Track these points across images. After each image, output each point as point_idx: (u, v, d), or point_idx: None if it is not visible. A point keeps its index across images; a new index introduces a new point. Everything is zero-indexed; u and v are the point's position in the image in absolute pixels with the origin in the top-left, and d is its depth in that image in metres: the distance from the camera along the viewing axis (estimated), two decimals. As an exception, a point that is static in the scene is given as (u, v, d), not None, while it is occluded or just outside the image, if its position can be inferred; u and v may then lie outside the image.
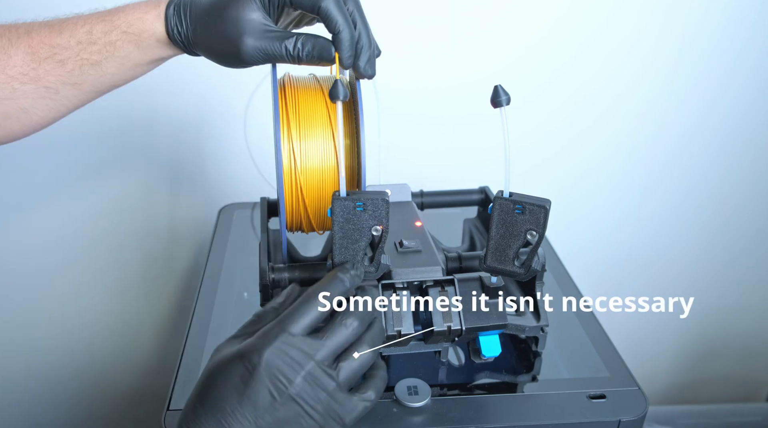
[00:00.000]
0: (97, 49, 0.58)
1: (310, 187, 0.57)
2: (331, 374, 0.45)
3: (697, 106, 1.05)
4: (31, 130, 0.62)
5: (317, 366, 0.44)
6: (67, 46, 0.57)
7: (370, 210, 0.50)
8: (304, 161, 0.57)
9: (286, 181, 0.57)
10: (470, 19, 0.95)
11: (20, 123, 0.60)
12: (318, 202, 0.58)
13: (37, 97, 0.59)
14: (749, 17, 0.99)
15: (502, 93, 0.50)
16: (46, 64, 0.58)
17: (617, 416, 0.56)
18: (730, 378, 1.33)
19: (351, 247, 0.51)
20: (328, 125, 0.57)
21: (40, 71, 0.58)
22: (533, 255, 0.52)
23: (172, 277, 1.10)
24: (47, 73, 0.58)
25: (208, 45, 0.56)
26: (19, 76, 0.57)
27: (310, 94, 0.59)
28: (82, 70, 0.58)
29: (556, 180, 1.08)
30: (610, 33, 0.98)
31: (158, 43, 0.58)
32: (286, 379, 0.43)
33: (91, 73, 0.59)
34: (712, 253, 1.19)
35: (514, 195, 0.51)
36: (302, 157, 0.57)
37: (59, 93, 0.59)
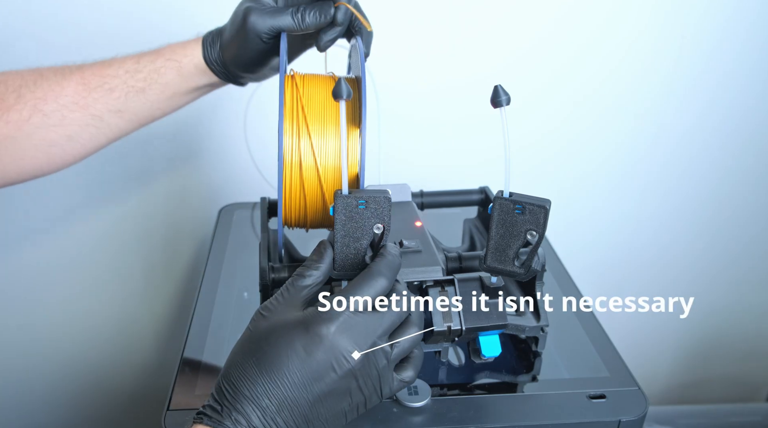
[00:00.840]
0: (142, 76, 0.64)
1: (310, 183, 0.57)
2: (386, 351, 0.47)
3: (696, 107, 1.05)
4: (72, 159, 0.66)
5: (377, 344, 0.46)
6: (115, 75, 0.64)
7: (372, 208, 0.50)
8: (306, 155, 0.56)
9: (287, 175, 0.57)
10: (470, 20, 0.95)
11: (63, 151, 0.64)
12: (316, 198, 0.58)
13: (82, 124, 0.64)
14: (748, 18, 0.99)
15: (502, 93, 0.50)
16: (96, 93, 0.63)
17: (617, 416, 0.56)
18: (730, 378, 1.33)
19: (352, 246, 0.51)
20: (334, 121, 0.57)
21: (89, 99, 0.63)
22: (533, 255, 0.52)
23: (172, 277, 1.10)
24: (95, 100, 0.63)
25: (232, 52, 0.63)
26: (69, 105, 0.62)
27: (320, 86, 0.59)
28: (128, 97, 0.64)
29: (555, 180, 1.08)
30: (610, 33, 0.98)
31: (197, 70, 0.65)
32: (349, 355, 0.45)
33: (135, 100, 0.64)
34: (712, 253, 1.19)
35: (514, 195, 0.51)
36: (304, 152, 0.57)
37: (103, 120, 0.64)
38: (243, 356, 0.46)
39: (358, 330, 0.45)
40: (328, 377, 0.44)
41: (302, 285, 0.49)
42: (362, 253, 0.51)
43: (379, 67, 0.79)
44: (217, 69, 0.65)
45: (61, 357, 1.12)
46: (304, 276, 0.49)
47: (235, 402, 0.44)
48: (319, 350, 0.44)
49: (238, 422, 0.43)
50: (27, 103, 0.62)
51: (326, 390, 0.44)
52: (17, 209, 1.00)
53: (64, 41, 0.89)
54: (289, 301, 0.48)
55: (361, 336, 0.45)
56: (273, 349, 0.45)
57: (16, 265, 1.04)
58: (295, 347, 0.44)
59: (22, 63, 0.68)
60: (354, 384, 0.45)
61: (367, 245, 0.51)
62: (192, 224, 1.06)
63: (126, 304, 1.11)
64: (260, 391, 0.44)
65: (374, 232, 0.50)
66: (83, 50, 0.76)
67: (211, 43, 0.65)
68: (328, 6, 0.61)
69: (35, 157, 0.64)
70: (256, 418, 0.43)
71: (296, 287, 0.49)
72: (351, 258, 0.52)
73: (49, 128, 0.62)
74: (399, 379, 0.49)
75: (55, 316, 1.09)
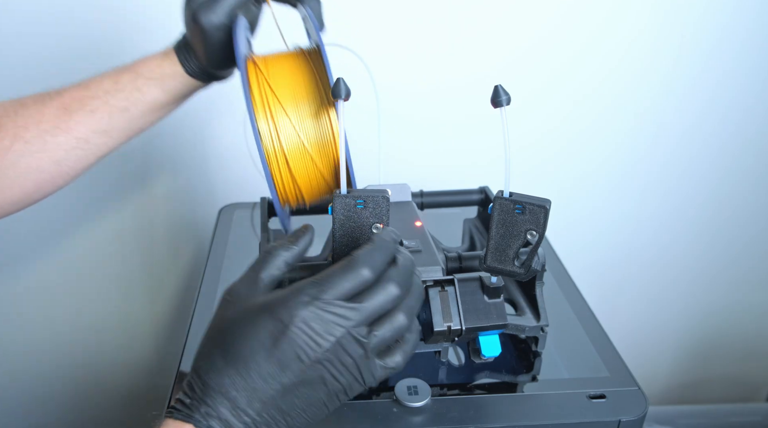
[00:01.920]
0: (124, 95, 0.63)
1: (296, 158, 0.56)
2: (362, 342, 0.43)
3: (696, 106, 1.05)
4: (63, 181, 0.66)
5: (349, 333, 0.43)
6: (95, 96, 0.63)
7: (370, 207, 0.50)
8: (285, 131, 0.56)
9: (271, 157, 0.56)
10: (469, 20, 0.95)
11: (51, 176, 0.64)
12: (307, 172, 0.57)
13: (68, 148, 0.63)
14: (748, 17, 0.99)
15: (503, 93, 0.50)
16: (77, 116, 0.63)
17: (617, 416, 0.56)
18: (730, 378, 1.33)
19: (351, 246, 0.51)
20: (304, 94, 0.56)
21: (71, 123, 0.62)
22: (533, 255, 0.52)
23: (172, 277, 1.10)
24: (78, 123, 0.63)
25: (208, 57, 0.62)
26: (51, 130, 0.62)
27: (282, 63, 0.58)
28: (111, 117, 0.64)
29: (555, 180, 1.08)
30: (609, 33, 0.98)
31: (181, 83, 0.65)
32: (316, 344, 0.42)
33: (119, 118, 0.64)
34: (712, 253, 1.19)
35: (514, 195, 0.51)
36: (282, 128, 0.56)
37: (89, 142, 0.64)
38: (210, 346, 0.44)
39: (328, 319, 0.42)
40: (295, 366, 0.42)
41: (270, 266, 0.46)
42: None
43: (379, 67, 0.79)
44: (202, 76, 0.65)
45: (61, 357, 1.12)
46: (274, 256, 0.47)
47: (204, 395, 0.42)
48: (285, 338, 0.42)
49: (208, 415, 0.42)
50: (8, 131, 0.61)
51: (295, 380, 0.42)
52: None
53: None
54: (256, 283, 0.45)
55: (332, 325, 0.42)
56: (239, 339, 0.43)
57: (17, 265, 1.04)
58: (260, 335, 0.42)
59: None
60: (326, 373, 0.43)
61: (366, 245, 0.51)
62: (192, 224, 1.06)
63: (126, 304, 1.11)
64: (228, 383, 0.42)
65: (373, 232, 0.50)
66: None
67: (186, 55, 0.64)
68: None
69: (24, 185, 0.63)
70: (226, 410, 0.42)
71: (264, 267, 0.46)
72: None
73: (33, 154, 0.62)
74: (383, 366, 0.45)
75: (56, 316, 1.09)
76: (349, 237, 0.51)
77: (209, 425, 0.42)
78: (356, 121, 0.75)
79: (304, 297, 0.42)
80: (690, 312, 1.25)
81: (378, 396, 0.59)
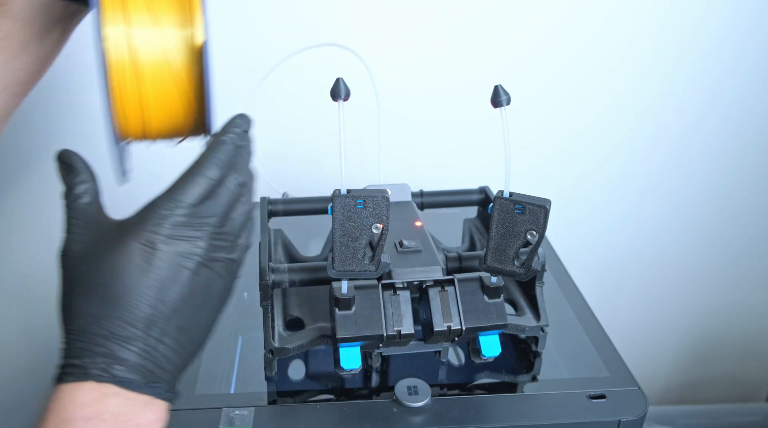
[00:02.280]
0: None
1: (148, 73, 0.45)
2: (224, 236, 0.45)
3: (696, 106, 1.05)
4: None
5: (215, 232, 0.44)
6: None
7: (370, 207, 0.50)
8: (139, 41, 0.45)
9: (115, 73, 0.44)
10: (470, 20, 0.95)
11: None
12: (163, 91, 0.46)
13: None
14: (748, 17, 0.99)
15: (503, 93, 0.50)
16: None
17: (617, 416, 0.56)
18: (730, 378, 1.33)
19: (351, 246, 0.51)
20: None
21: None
22: (533, 255, 0.52)
23: (172, 277, 1.10)
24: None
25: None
26: None
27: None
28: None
29: (555, 180, 1.08)
30: (609, 33, 0.98)
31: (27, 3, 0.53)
32: (193, 250, 0.42)
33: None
34: (712, 253, 1.19)
35: (514, 195, 0.51)
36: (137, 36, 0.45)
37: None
38: (80, 301, 0.42)
39: (192, 224, 0.43)
40: (182, 277, 0.42)
41: (88, 200, 0.46)
42: (361, 253, 0.51)
43: (379, 67, 0.79)
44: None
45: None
46: (83, 192, 0.46)
47: (95, 348, 0.40)
48: (161, 255, 0.41)
49: (107, 366, 0.39)
50: None
51: (187, 292, 0.42)
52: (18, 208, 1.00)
53: None
54: (92, 220, 0.45)
55: (198, 229, 0.43)
56: (110, 278, 0.41)
57: (17, 264, 1.04)
58: (132, 264, 0.41)
59: None
60: (210, 273, 0.43)
61: (366, 245, 0.51)
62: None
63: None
64: (117, 325, 0.40)
65: (373, 232, 0.50)
66: None
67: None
68: None
69: None
70: (127, 352, 0.40)
71: (86, 204, 0.45)
72: (350, 258, 0.52)
73: None
74: (243, 247, 0.47)
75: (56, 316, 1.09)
76: (349, 237, 0.51)
77: (113, 374, 0.39)
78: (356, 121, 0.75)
79: (161, 214, 0.43)
80: (690, 312, 1.25)
81: (378, 396, 0.59)
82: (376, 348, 0.57)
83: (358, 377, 0.62)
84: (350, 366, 0.56)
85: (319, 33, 0.92)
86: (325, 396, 0.61)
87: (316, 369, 0.65)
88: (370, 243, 0.51)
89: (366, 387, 0.62)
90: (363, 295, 0.56)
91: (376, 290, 0.56)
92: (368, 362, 0.61)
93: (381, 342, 0.56)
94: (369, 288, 0.56)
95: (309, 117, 0.96)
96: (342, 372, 0.56)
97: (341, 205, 0.50)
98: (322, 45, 0.83)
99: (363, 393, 0.61)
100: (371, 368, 0.61)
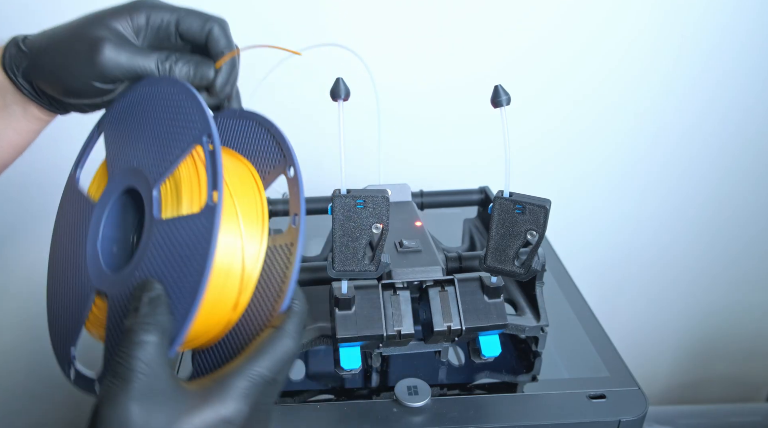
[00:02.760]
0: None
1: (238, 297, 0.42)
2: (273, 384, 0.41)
3: (696, 106, 1.05)
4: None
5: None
6: None
7: (370, 207, 0.50)
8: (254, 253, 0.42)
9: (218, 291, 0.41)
10: (470, 20, 0.95)
11: None
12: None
13: None
14: (748, 17, 0.99)
15: (503, 93, 0.50)
16: None
17: (617, 416, 0.56)
18: (730, 378, 1.33)
19: (351, 246, 0.51)
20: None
21: None
22: (533, 255, 0.52)
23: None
24: None
25: (52, 68, 0.47)
26: None
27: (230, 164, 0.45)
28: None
29: (555, 180, 1.08)
30: (610, 33, 0.98)
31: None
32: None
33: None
34: (712, 253, 1.19)
35: (514, 195, 0.51)
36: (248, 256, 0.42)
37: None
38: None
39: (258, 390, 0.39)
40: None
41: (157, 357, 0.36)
42: (361, 253, 0.51)
43: (379, 67, 0.79)
44: (25, 88, 0.49)
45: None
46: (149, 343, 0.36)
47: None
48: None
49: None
50: None
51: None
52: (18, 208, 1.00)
53: None
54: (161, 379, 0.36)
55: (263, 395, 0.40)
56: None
57: (17, 264, 1.04)
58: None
59: None
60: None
61: (366, 245, 0.51)
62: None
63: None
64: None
65: (373, 232, 0.50)
66: None
67: (20, 47, 0.48)
68: (207, 65, 0.48)
69: None
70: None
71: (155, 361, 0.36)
72: (350, 258, 0.52)
73: None
74: None
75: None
76: (349, 237, 0.51)
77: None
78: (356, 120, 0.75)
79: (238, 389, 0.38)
80: (690, 312, 1.25)
81: (378, 396, 0.59)
82: (376, 348, 0.57)
83: (358, 377, 0.62)
84: (350, 366, 0.56)
85: (319, 33, 0.92)
86: (325, 396, 0.61)
87: (316, 369, 0.65)
88: (370, 243, 0.51)
89: (366, 387, 0.62)
90: (363, 295, 0.56)
91: (376, 290, 0.56)
92: (368, 362, 0.61)
93: (381, 342, 0.56)
94: (369, 288, 0.56)
95: (309, 117, 0.96)
96: (342, 372, 0.56)
97: (341, 205, 0.50)
98: (322, 45, 0.83)
99: (363, 393, 0.61)
100: (371, 368, 0.61)
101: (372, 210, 0.50)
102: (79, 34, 0.47)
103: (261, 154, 0.46)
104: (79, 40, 0.46)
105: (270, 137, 0.45)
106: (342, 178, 0.50)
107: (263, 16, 0.91)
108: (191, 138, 0.42)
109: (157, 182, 0.42)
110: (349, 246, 0.51)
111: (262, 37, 0.66)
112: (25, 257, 1.04)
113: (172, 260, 0.39)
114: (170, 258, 0.39)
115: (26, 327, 1.09)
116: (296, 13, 0.91)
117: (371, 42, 0.94)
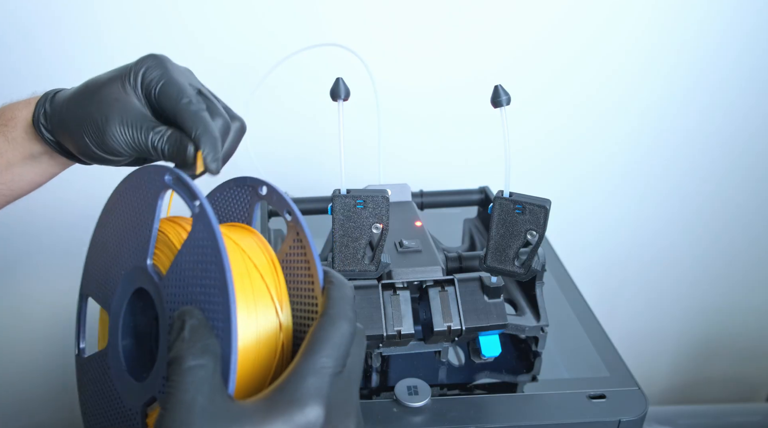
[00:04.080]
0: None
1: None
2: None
3: (697, 107, 1.05)
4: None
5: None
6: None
7: (370, 207, 0.50)
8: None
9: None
10: (470, 19, 0.95)
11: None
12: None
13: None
14: (749, 19, 0.99)
15: (503, 93, 0.50)
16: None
17: (617, 416, 0.56)
18: (730, 378, 1.33)
19: (351, 246, 0.51)
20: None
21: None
22: (533, 255, 0.52)
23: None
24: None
25: (71, 129, 0.50)
26: None
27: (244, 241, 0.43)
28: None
29: (556, 180, 1.08)
30: (611, 34, 0.98)
31: (25, 134, 0.53)
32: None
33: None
34: (712, 254, 1.19)
35: (514, 195, 0.52)
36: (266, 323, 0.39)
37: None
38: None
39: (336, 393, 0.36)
40: None
41: (209, 381, 0.33)
42: (361, 253, 0.51)
43: (379, 67, 0.79)
44: (49, 137, 0.52)
45: (62, 357, 1.12)
46: (200, 367, 0.33)
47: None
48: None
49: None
50: None
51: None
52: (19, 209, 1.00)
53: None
54: (218, 402, 0.33)
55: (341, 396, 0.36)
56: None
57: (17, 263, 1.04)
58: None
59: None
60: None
61: (366, 245, 0.51)
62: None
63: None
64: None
65: (373, 232, 0.51)
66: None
67: (48, 104, 0.52)
68: (185, 146, 0.48)
69: None
70: None
71: (210, 385, 0.33)
72: (350, 258, 0.52)
73: None
74: None
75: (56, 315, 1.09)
76: (349, 237, 0.51)
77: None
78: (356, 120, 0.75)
79: (312, 386, 0.35)
80: (690, 313, 1.25)
81: (378, 396, 0.59)
82: (376, 348, 0.57)
83: (358, 377, 0.62)
84: (350, 366, 0.56)
85: (319, 33, 0.92)
86: (325, 396, 0.61)
87: (316, 369, 0.65)
88: (370, 243, 0.51)
89: (366, 387, 0.62)
90: (363, 295, 0.56)
91: (376, 290, 0.56)
92: (368, 362, 0.61)
93: (381, 342, 0.56)
94: (369, 288, 0.56)
95: (309, 117, 0.96)
96: (342, 372, 0.56)
97: (341, 205, 0.50)
98: (322, 45, 0.83)
99: (363, 393, 0.61)
100: (371, 368, 0.61)
101: (372, 210, 0.50)
102: (89, 112, 0.49)
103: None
104: (88, 118, 0.49)
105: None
106: (342, 178, 0.50)
107: (264, 15, 0.91)
108: (156, 189, 0.43)
109: (147, 254, 0.42)
110: (349, 246, 0.51)
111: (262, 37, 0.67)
112: (23, 255, 1.04)
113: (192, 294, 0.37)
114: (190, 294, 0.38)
115: (26, 326, 1.09)
116: (296, 13, 0.91)
117: (371, 42, 0.94)
